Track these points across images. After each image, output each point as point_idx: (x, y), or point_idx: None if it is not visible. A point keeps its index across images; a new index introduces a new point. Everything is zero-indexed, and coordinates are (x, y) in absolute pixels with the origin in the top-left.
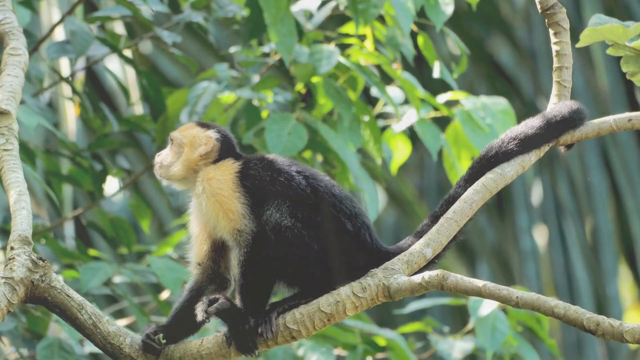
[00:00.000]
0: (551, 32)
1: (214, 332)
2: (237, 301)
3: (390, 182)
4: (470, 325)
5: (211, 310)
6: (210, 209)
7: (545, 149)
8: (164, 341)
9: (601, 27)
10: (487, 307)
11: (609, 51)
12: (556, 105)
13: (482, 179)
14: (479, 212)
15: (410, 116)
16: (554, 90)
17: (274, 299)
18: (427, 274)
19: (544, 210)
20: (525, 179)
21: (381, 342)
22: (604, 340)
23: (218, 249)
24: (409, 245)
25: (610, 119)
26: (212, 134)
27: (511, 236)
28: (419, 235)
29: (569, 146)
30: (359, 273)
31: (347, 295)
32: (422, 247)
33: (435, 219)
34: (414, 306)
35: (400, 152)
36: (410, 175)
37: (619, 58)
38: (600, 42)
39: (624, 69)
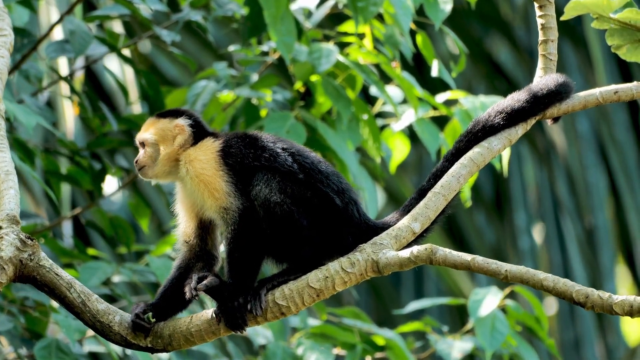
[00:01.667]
0: (536, 5)
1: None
2: (226, 278)
3: (389, 180)
4: (469, 325)
5: (200, 287)
6: (195, 189)
7: (532, 122)
8: (154, 320)
9: (586, 0)
10: (487, 307)
11: (594, 24)
12: (542, 78)
13: (470, 152)
14: (478, 211)
15: (409, 115)
16: (540, 63)
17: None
18: (415, 249)
19: (542, 209)
20: (523, 178)
21: (380, 342)
22: (602, 339)
23: (205, 227)
24: (396, 220)
25: (596, 91)
26: (182, 121)
27: (509, 235)
28: (406, 209)
29: (555, 119)
30: (348, 248)
31: (336, 271)
32: (410, 222)
33: (422, 193)
34: (413, 306)
35: (399, 151)
36: (409, 174)
37: (618, 57)
38: (599, 43)
39: (609, 42)
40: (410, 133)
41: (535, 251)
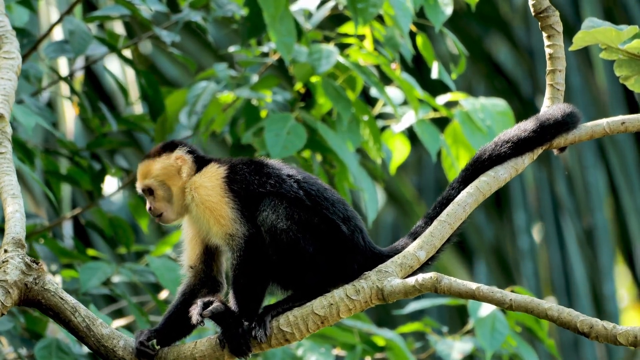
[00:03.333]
0: (544, 35)
1: (207, 335)
2: (231, 304)
3: (389, 181)
4: (469, 326)
5: (206, 313)
6: (201, 216)
7: (538, 151)
8: (158, 347)
9: (594, 30)
10: (487, 307)
11: (602, 55)
12: (549, 108)
13: (476, 181)
14: (477, 210)
15: (409, 117)
16: (547, 93)
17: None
18: (420, 277)
19: (541, 209)
20: (523, 178)
21: (380, 342)
22: None
23: (210, 253)
24: (402, 247)
25: (603, 122)
26: (181, 152)
27: (509, 235)
28: (413, 236)
29: (562, 149)
30: (353, 276)
31: (341, 298)
32: (415, 250)
33: (429, 220)
34: (412, 306)
35: (399, 152)
36: (409, 175)
37: None
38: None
39: (617, 73)
40: (410, 134)
41: (535, 251)
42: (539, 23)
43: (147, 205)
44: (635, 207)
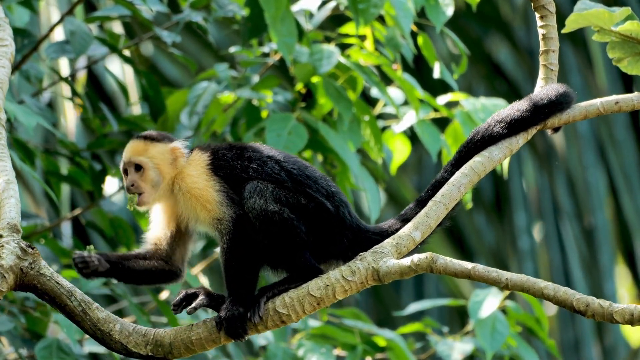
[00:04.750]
0: (537, 15)
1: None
2: (225, 289)
3: (389, 181)
4: (469, 326)
5: (190, 310)
6: (187, 204)
7: (532, 131)
8: (95, 250)
9: (587, 12)
10: (487, 308)
11: (595, 37)
12: (543, 88)
13: (470, 162)
14: (477, 212)
15: (410, 117)
16: (541, 73)
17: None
18: (416, 257)
19: (541, 210)
20: (523, 179)
21: (381, 343)
22: (602, 340)
23: (177, 239)
24: (389, 227)
25: (597, 101)
26: (179, 144)
27: (509, 235)
28: (402, 218)
29: (556, 129)
30: (344, 251)
31: (337, 279)
32: (411, 231)
33: (420, 203)
34: (413, 307)
35: (399, 152)
36: (409, 174)
37: None
38: (600, 43)
39: (610, 55)
40: (411, 134)
41: (535, 251)
42: (532, 4)
43: (128, 181)
44: (636, 207)
